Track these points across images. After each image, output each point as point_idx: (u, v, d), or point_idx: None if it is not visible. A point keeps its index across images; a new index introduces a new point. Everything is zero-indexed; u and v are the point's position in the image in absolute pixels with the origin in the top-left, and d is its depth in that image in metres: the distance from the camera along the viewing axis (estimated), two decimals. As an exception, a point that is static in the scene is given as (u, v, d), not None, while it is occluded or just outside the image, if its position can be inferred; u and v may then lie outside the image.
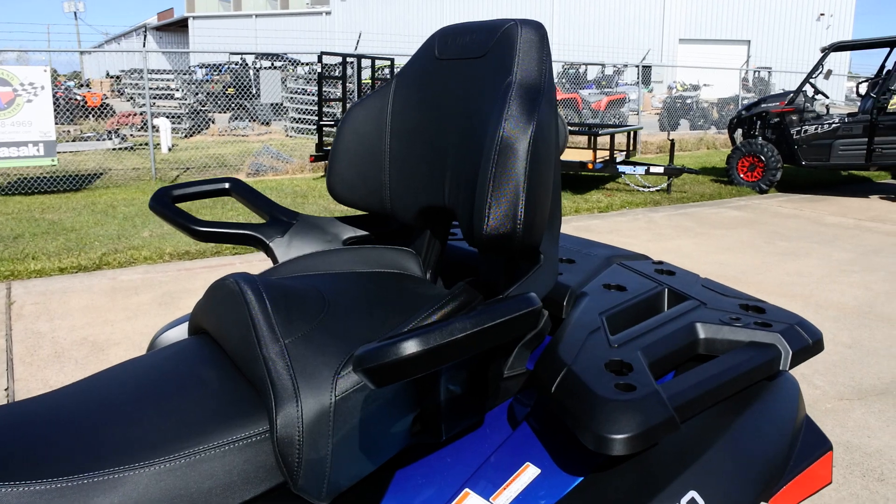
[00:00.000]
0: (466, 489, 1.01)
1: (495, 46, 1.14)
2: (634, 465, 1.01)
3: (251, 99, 17.76)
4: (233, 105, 18.00)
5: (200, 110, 16.89)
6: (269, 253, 1.42)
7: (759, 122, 10.42)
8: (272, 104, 17.42)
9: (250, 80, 18.27)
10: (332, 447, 0.91)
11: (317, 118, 11.46)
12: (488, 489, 1.00)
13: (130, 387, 1.04)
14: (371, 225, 1.50)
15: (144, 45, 11.79)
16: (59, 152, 10.92)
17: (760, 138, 10.31)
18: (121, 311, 4.72)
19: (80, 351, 4.04)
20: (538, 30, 1.12)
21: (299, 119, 16.40)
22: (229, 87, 17.69)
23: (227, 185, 1.56)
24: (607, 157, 10.17)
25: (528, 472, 1.02)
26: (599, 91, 21.18)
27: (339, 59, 11.56)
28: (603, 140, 11.93)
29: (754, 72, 22.21)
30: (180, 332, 1.39)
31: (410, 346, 0.79)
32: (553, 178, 1.09)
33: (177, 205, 1.49)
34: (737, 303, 1.33)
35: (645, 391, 0.99)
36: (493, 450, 1.07)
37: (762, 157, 10.08)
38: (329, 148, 10.54)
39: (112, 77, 28.72)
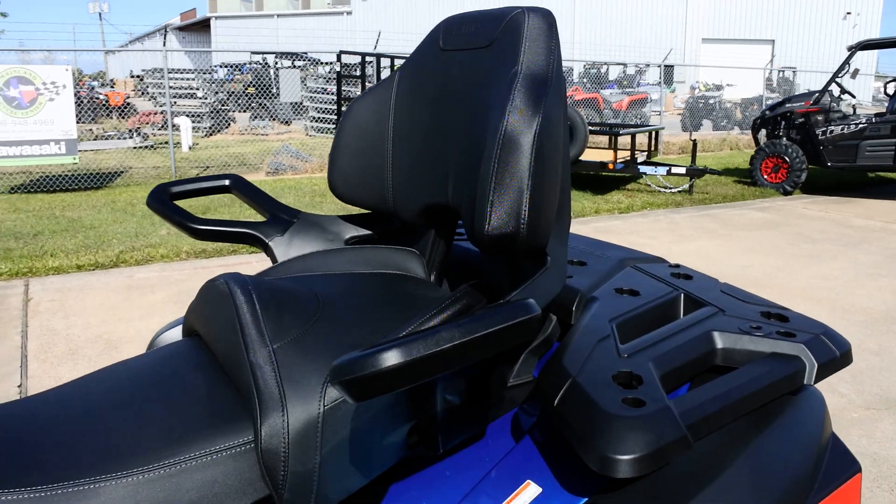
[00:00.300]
0: None
1: (501, 35, 1.08)
2: (643, 486, 0.94)
3: (272, 98, 17.80)
4: (253, 104, 18.05)
5: (221, 109, 16.96)
6: (269, 252, 1.38)
7: (783, 123, 10.26)
8: (292, 103, 17.46)
9: (271, 79, 18.33)
10: (320, 459, 0.86)
11: (336, 117, 11.44)
12: None
13: (114, 391, 1.00)
14: (374, 224, 1.44)
15: (165, 45, 11.84)
16: (80, 151, 10.99)
17: (785, 139, 10.15)
18: (136, 309, 4.71)
19: (94, 348, 4.02)
20: (546, 17, 1.06)
21: (319, 118, 16.42)
22: (250, 86, 17.74)
23: (227, 182, 1.51)
24: (628, 158, 10.06)
25: (529, 491, 0.96)
26: (621, 91, 21.05)
27: (359, 58, 11.54)
28: (624, 140, 11.82)
29: (779, 71, 21.95)
30: (178, 334, 1.35)
31: (391, 358, 0.73)
32: (561, 175, 1.03)
33: (176, 202, 1.43)
34: (758, 310, 1.25)
35: (655, 407, 0.92)
36: (493, 464, 1.01)
37: (786, 158, 9.93)
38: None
39: (135, 77, 28.94)
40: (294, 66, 18.38)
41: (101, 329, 4.33)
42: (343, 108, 12.04)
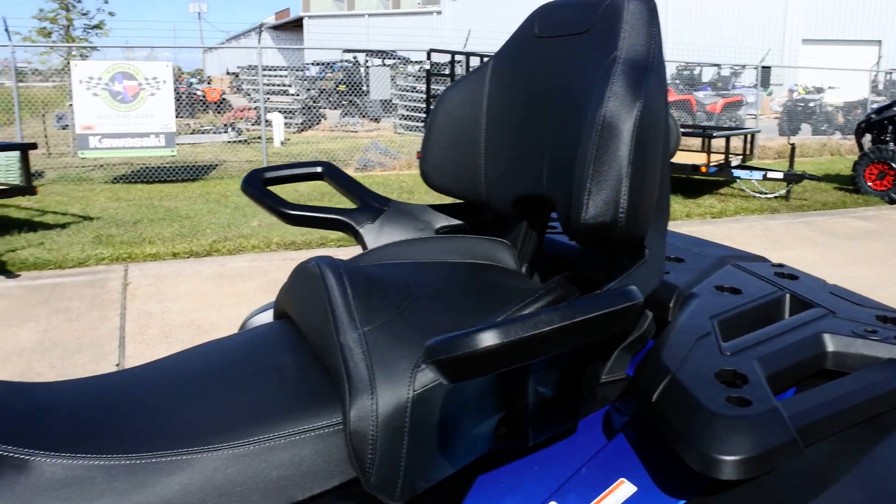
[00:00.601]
0: (553, 502, 0.93)
1: (599, 21, 1.05)
2: (746, 491, 0.88)
3: (362, 96, 18.07)
4: (344, 102, 18.36)
5: (312, 106, 17.32)
6: (359, 239, 1.38)
7: (890, 127, 9.76)
8: (382, 101, 17.67)
9: (361, 77, 18.60)
10: (407, 445, 0.86)
11: (425, 115, 11.52)
12: (577, 502, 0.92)
13: (206, 369, 1.03)
14: (465, 214, 1.43)
15: (259, 42, 12.15)
16: (178, 144, 11.39)
17: (892, 144, 9.66)
18: (227, 296, 4.83)
19: (187, 333, 4.14)
20: (647, 3, 1.03)
21: (408, 116, 16.57)
22: (341, 83, 18.05)
23: (319, 169, 1.52)
24: (722, 161, 9.76)
25: (623, 490, 0.92)
26: (715, 93, 20.48)
27: (448, 57, 11.59)
28: (718, 143, 11.48)
29: (885, 73, 20.93)
30: (269, 317, 1.35)
31: (488, 339, 0.71)
32: (661, 166, 0.99)
33: (269, 188, 1.46)
34: (873, 313, 1.16)
35: (762, 407, 0.86)
36: (584, 461, 0.98)
37: (893, 165, 9.44)
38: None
39: (231, 74, 29.85)
40: (384, 65, 18.61)
41: (194, 315, 4.46)
42: (432, 107, 12.10)
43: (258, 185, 1.47)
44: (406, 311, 1.00)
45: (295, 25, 46.19)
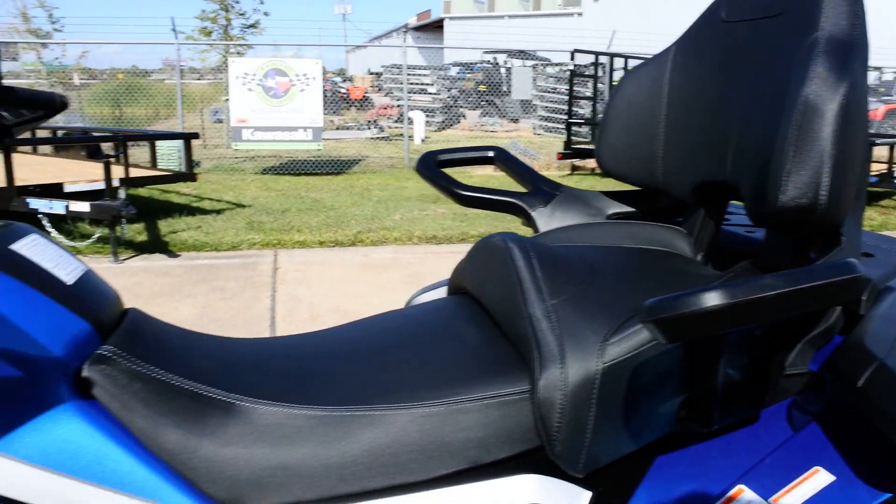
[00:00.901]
0: (740, 485, 0.93)
1: (795, 2, 1.03)
2: None
3: (501, 96, 18.12)
4: (483, 101, 18.46)
5: (452, 105, 17.52)
6: (531, 222, 1.41)
7: None
8: (521, 101, 17.65)
9: (501, 78, 18.65)
10: (594, 416, 0.88)
11: (566, 117, 11.40)
12: (767, 488, 0.92)
13: (392, 334, 1.10)
14: (637, 201, 1.44)
15: (406, 41, 12.38)
16: (324, 139, 11.80)
17: None
18: (371, 285, 4.93)
19: (333, 318, 4.25)
20: None
21: (547, 117, 16.48)
22: (481, 84, 18.17)
23: (490, 154, 1.57)
24: (884, 171, 9.12)
25: (819, 478, 0.92)
26: (875, 98, 19.20)
27: (590, 58, 11.42)
28: (879, 152, 10.73)
29: None
30: (435, 296, 1.41)
31: (713, 298, 0.72)
32: (863, 151, 0.97)
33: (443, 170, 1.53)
34: None
35: None
36: (770, 449, 0.97)
37: None
38: (578, 147, 10.47)
39: (373, 73, 30.63)
40: (524, 66, 18.60)
41: (339, 301, 4.57)
42: (574, 108, 11.97)
43: (432, 167, 1.53)
44: (590, 287, 1.02)
45: (435, 27, 46.95)
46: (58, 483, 0.84)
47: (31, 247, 0.97)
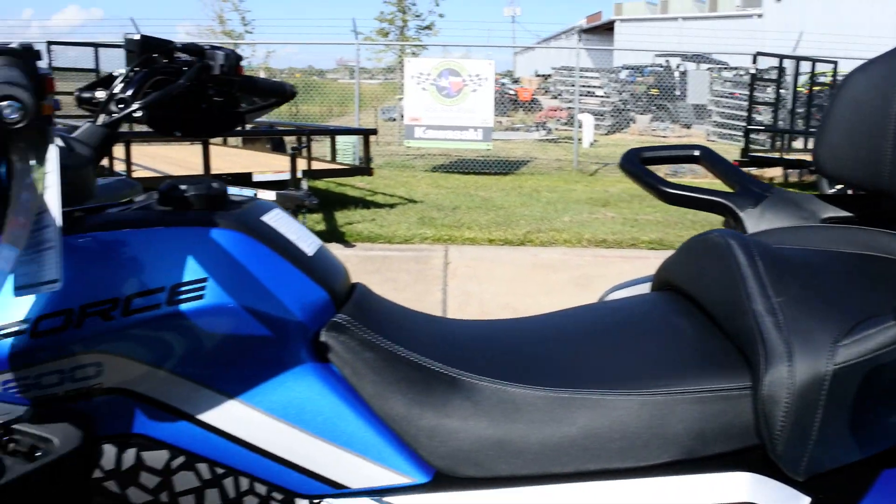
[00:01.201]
0: None
1: None
2: None
3: (673, 100, 17.56)
4: (653, 106, 17.98)
5: (622, 109, 17.18)
6: (739, 223, 1.38)
7: None
8: (694, 107, 17.04)
9: (674, 81, 18.08)
10: (821, 419, 0.85)
11: (743, 123, 10.88)
12: None
13: (600, 324, 1.12)
14: (855, 205, 1.36)
15: (579, 41, 12.26)
16: (492, 139, 11.91)
17: None
18: (539, 285, 4.91)
19: (503, 315, 4.24)
20: None
21: (722, 123, 15.81)
22: (652, 87, 17.70)
23: (696, 153, 1.55)
24: None
25: None
26: None
27: (771, 61, 10.83)
28: None
29: None
30: (631, 293, 1.41)
31: None
32: None
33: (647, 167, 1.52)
34: None
35: None
36: None
37: None
38: (755, 155, 9.97)
39: (540, 76, 30.60)
40: (699, 69, 17.94)
41: (508, 298, 4.59)
42: (754, 115, 11.40)
43: (636, 163, 1.53)
44: (815, 288, 0.98)
45: (605, 29, 46.25)
46: (292, 435, 0.92)
47: (276, 219, 1.04)
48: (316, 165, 6.85)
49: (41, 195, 0.80)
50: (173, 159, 7.32)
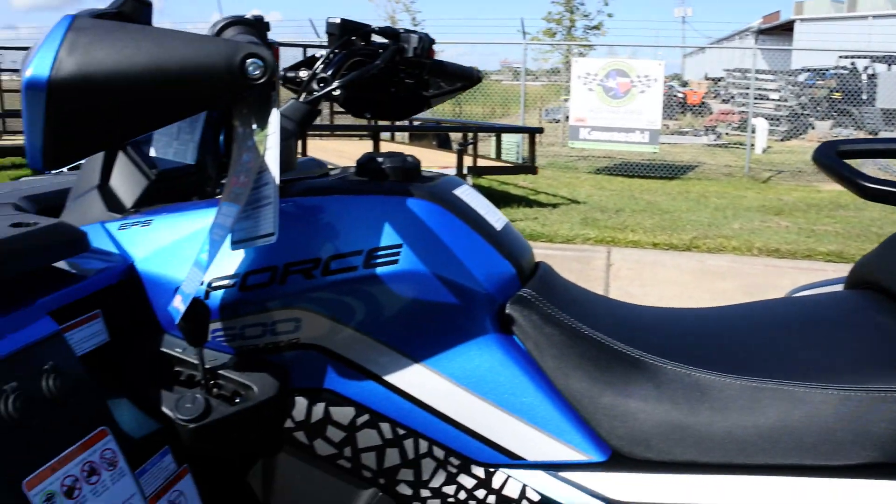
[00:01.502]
0: None
1: None
2: None
3: (859, 105, 16.38)
4: (835, 111, 16.85)
5: (800, 114, 16.24)
6: None
7: None
8: (883, 111, 15.81)
9: (861, 85, 16.85)
10: None
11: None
12: None
13: (793, 317, 1.09)
14: None
15: (756, 42, 11.73)
16: (659, 143, 11.64)
17: None
18: (706, 291, 4.78)
19: (668, 320, 4.20)
20: None
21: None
22: (835, 91, 16.59)
23: None
24: None
25: None
26: None
27: None
28: None
29: None
30: (820, 292, 1.37)
31: None
32: None
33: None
34: None
35: None
36: None
37: None
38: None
39: (710, 79, 29.43)
40: (889, 71, 16.64)
41: (672, 302, 4.43)
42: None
43: (833, 156, 1.45)
44: None
45: (782, 29, 43.78)
46: (472, 402, 0.94)
47: (466, 194, 1.09)
48: (481, 163, 6.98)
49: (262, 156, 0.84)
50: (345, 153, 7.69)
